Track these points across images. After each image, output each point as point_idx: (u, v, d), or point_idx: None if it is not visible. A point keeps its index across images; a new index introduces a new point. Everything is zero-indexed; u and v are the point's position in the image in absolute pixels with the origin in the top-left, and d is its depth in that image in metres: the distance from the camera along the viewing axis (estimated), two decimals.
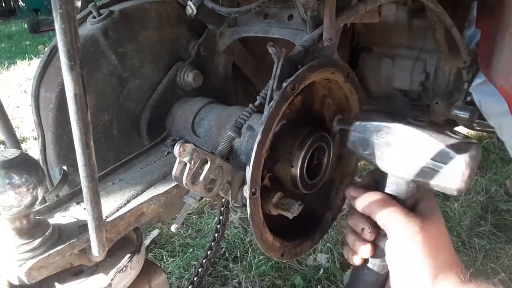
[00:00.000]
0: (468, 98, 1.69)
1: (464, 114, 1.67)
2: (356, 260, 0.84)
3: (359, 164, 1.22)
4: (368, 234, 0.81)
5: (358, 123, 0.83)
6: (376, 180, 0.84)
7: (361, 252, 0.82)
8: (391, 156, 0.76)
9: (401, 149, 0.74)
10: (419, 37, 1.73)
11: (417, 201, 0.80)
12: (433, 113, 1.74)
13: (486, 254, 1.92)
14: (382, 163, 0.78)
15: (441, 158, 0.70)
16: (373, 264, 0.83)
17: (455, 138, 0.72)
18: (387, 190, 0.80)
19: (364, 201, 0.80)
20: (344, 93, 1.03)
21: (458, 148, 0.70)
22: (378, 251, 0.81)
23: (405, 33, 1.76)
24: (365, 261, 0.84)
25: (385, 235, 0.78)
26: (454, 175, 0.69)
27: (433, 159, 0.71)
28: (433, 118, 1.76)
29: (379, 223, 0.78)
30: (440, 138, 0.71)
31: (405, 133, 0.75)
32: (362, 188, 0.83)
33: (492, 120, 1.61)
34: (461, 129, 2.14)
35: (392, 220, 0.76)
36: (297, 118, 0.98)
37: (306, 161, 0.94)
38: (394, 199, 0.78)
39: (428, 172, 0.72)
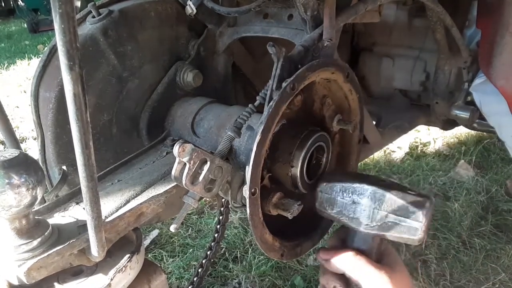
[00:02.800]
0: (469, 98, 1.69)
1: (464, 114, 1.67)
2: None
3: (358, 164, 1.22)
4: None
5: (324, 184, 0.92)
6: (342, 239, 0.93)
7: None
8: (357, 213, 0.86)
9: (366, 206, 0.85)
10: (419, 37, 1.73)
11: (381, 254, 0.89)
12: (433, 113, 1.74)
13: (487, 254, 1.92)
14: (349, 220, 0.87)
15: (403, 212, 0.81)
16: None
17: (413, 195, 0.83)
18: (355, 246, 0.88)
19: (336, 260, 0.87)
20: (344, 93, 1.03)
21: (417, 203, 0.81)
22: None
23: (405, 33, 1.76)
24: None
25: None
26: (415, 228, 0.80)
27: (396, 214, 0.82)
28: (433, 118, 1.76)
29: (352, 276, 0.85)
30: (401, 195, 0.82)
31: (369, 192, 0.85)
32: (331, 249, 0.91)
33: (492, 120, 1.61)
34: (462, 129, 2.15)
35: (364, 272, 0.84)
36: (297, 118, 0.98)
37: (306, 161, 0.93)
38: (362, 254, 0.87)
39: (391, 225, 0.83)
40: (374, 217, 0.84)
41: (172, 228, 0.77)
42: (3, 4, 13.80)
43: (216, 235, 1.43)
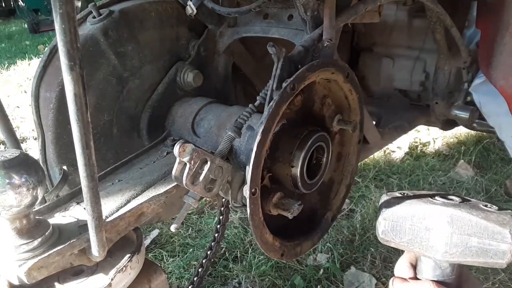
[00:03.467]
0: (468, 98, 1.69)
1: (464, 114, 1.68)
2: None
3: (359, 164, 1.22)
4: None
5: (385, 210, 0.79)
6: (413, 265, 0.81)
7: None
8: (432, 241, 0.75)
9: (444, 233, 0.73)
10: (419, 37, 1.73)
11: (461, 283, 0.78)
12: (433, 113, 1.74)
13: None
14: (423, 249, 0.76)
15: (488, 235, 0.70)
16: None
17: (492, 212, 0.72)
18: (431, 276, 0.77)
19: None
20: (344, 93, 1.03)
21: (500, 221, 0.70)
22: None
23: (405, 33, 1.76)
24: None
25: None
26: (503, 250, 0.70)
27: (479, 237, 0.71)
28: (432, 118, 1.76)
29: None
30: (480, 215, 0.71)
31: (443, 215, 0.73)
32: (406, 280, 0.79)
33: (492, 120, 1.62)
34: (461, 129, 2.15)
35: None
36: (297, 118, 0.98)
37: (306, 161, 0.94)
38: (442, 285, 0.76)
39: (475, 251, 0.72)
40: (453, 243, 0.73)
41: (173, 228, 0.77)
42: (3, 5, 13.80)
43: (216, 235, 1.43)
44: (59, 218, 0.78)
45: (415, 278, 0.79)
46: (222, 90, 1.33)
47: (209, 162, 0.77)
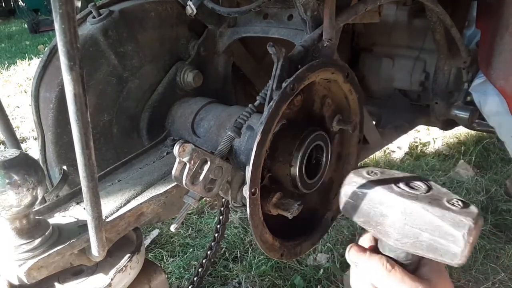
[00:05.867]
0: (468, 98, 1.69)
1: (464, 114, 1.68)
2: None
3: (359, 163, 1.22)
4: None
5: (348, 188, 0.79)
6: (376, 240, 0.81)
7: None
8: (387, 227, 0.74)
9: (397, 223, 0.72)
10: (419, 37, 1.73)
11: (420, 262, 0.76)
12: (433, 113, 1.74)
13: (486, 254, 1.92)
14: (377, 232, 0.76)
15: (440, 234, 0.68)
16: None
17: (453, 210, 0.69)
18: (389, 252, 0.77)
19: (366, 265, 0.76)
20: (344, 93, 1.03)
21: (457, 223, 0.67)
22: None
23: (405, 33, 1.76)
24: None
25: None
26: (453, 252, 0.67)
27: (430, 233, 0.69)
28: (432, 118, 1.76)
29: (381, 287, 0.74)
30: (438, 212, 0.69)
31: (400, 206, 0.72)
32: (364, 249, 0.79)
33: (492, 120, 1.61)
34: (461, 129, 2.15)
35: (396, 285, 0.72)
36: (297, 118, 0.98)
37: (305, 160, 0.94)
38: (396, 263, 0.75)
39: (426, 246, 0.70)
40: (405, 234, 0.71)
41: (173, 228, 0.77)
42: (3, 5, 13.80)
43: (216, 234, 1.44)
44: (59, 218, 0.78)
45: (375, 251, 0.78)
46: (222, 90, 1.33)
47: (209, 162, 0.77)
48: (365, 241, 0.83)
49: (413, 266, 0.76)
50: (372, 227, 0.76)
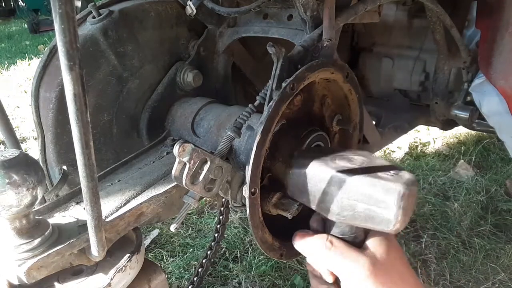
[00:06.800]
0: (468, 98, 1.69)
1: (464, 114, 1.68)
2: None
3: None
4: (327, 277, 0.78)
5: (292, 170, 0.83)
6: (324, 220, 0.83)
7: None
8: (328, 203, 0.75)
9: (335, 196, 0.74)
10: (419, 37, 1.73)
11: (367, 235, 0.77)
12: (433, 113, 1.74)
13: (486, 254, 1.92)
14: (320, 209, 0.78)
15: (374, 202, 0.69)
16: None
17: (385, 178, 0.70)
18: (333, 231, 0.79)
19: (309, 248, 0.78)
20: (344, 93, 1.03)
21: (387, 189, 0.68)
22: None
23: (405, 33, 1.77)
24: None
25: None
26: (388, 219, 0.68)
27: (365, 203, 0.70)
28: (432, 118, 1.76)
29: (328, 269, 0.76)
30: (370, 182, 0.70)
31: (336, 179, 0.74)
32: (306, 233, 0.81)
33: (491, 120, 1.62)
34: (461, 129, 2.15)
35: (339, 266, 0.73)
36: (297, 118, 0.98)
37: None
38: (340, 240, 0.76)
39: (363, 216, 0.71)
40: (343, 207, 0.73)
41: (172, 228, 0.77)
42: (3, 4, 13.80)
43: (216, 235, 1.43)
44: (59, 218, 0.78)
45: (322, 232, 0.80)
46: (222, 90, 1.33)
47: (208, 162, 0.77)
48: (314, 223, 0.85)
49: (359, 239, 0.77)
50: (316, 206, 0.78)
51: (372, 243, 0.75)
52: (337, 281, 0.78)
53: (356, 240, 0.78)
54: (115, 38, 1.06)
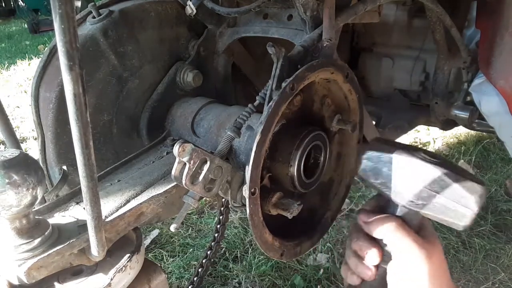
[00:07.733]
0: (468, 98, 1.69)
1: (463, 114, 1.68)
2: (356, 281, 0.87)
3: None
4: (374, 258, 0.82)
5: (371, 152, 0.85)
6: (381, 206, 0.87)
7: (364, 275, 0.84)
8: (404, 190, 0.79)
9: (416, 184, 0.78)
10: (419, 37, 1.73)
11: (420, 225, 0.83)
12: (433, 113, 1.74)
13: (486, 254, 1.92)
14: (395, 195, 0.81)
15: (455, 197, 0.75)
16: (370, 285, 0.85)
17: (467, 178, 0.76)
18: (397, 215, 0.83)
19: (377, 224, 0.82)
20: (344, 93, 1.03)
21: (470, 188, 0.75)
22: (378, 274, 0.84)
23: (405, 33, 1.76)
24: (363, 281, 0.86)
25: (387, 260, 0.81)
26: (464, 214, 0.76)
27: (447, 197, 0.76)
28: (432, 118, 1.76)
29: (390, 245, 0.80)
30: (455, 178, 0.76)
31: (420, 169, 0.78)
32: (372, 213, 0.85)
33: (491, 120, 1.62)
34: (461, 129, 2.14)
35: (404, 244, 0.78)
36: (297, 118, 0.98)
37: (303, 159, 0.94)
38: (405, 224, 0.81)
39: (439, 208, 0.77)
40: (421, 196, 0.78)
41: (172, 228, 0.77)
42: (3, 4, 13.79)
43: (216, 234, 1.44)
44: (59, 218, 0.78)
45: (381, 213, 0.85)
46: (222, 90, 1.33)
47: (208, 162, 0.77)
48: (371, 203, 0.90)
49: (415, 228, 0.83)
50: (388, 189, 0.82)
51: (428, 233, 0.83)
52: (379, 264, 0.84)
53: (414, 227, 0.82)
54: (115, 38, 1.06)
